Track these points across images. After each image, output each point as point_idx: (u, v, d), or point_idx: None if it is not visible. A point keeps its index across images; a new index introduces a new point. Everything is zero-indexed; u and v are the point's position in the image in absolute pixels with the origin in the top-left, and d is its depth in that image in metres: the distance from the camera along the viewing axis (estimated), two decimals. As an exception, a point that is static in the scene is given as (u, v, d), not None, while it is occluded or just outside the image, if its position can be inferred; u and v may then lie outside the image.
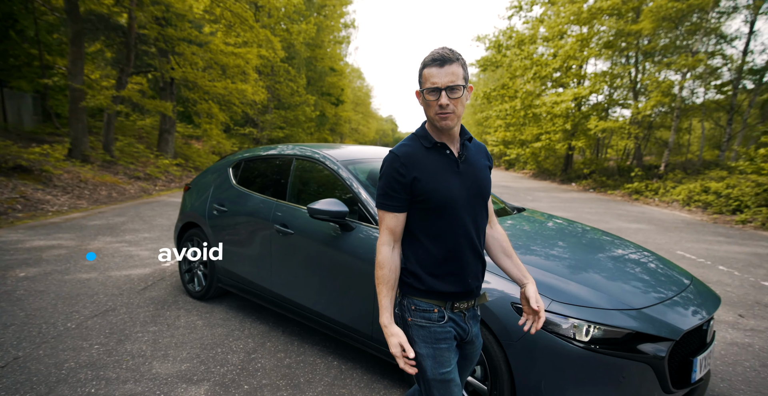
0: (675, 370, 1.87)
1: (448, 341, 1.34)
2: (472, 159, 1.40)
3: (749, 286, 4.62)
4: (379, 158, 3.27)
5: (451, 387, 1.33)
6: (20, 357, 2.59)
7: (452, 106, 1.27)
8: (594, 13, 14.91)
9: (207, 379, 2.44)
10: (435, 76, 1.26)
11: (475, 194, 1.37)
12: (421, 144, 1.35)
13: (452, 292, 1.35)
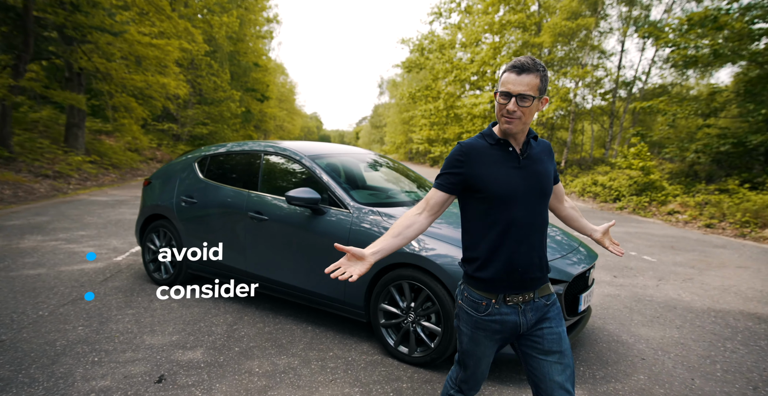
0: (568, 303, 2.65)
1: (487, 332, 1.45)
2: (535, 156, 1.46)
3: (636, 262, 5.90)
4: (340, 153, 3.77)
5: (479, 362, 1.51)
6: (5, 340, 2.68)
7: (519, 112, 1.34)
8: (504, 24, 16.61)
9: (199, 346, 2.76)
10: (510, 82, 1.32)
11: (534, 189, 1.42)
12: (486, 140, 1.44)
13: (502, 283, 1.41)
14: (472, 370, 1.55)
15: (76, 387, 2.25)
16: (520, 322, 1.42)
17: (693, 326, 3.42)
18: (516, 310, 1.42)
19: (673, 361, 2.81)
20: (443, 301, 2.53)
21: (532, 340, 1.45)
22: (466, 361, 1.54)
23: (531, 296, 1.43)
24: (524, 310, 1.43)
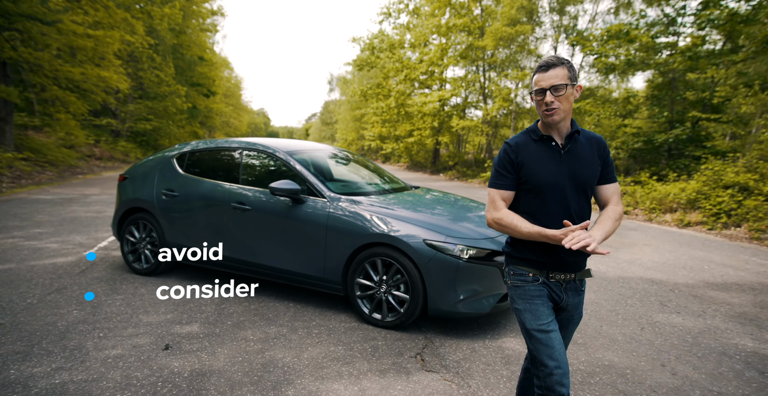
0: (509, 270, 3.28)
1: (542, 298, 1.55)
2: (577, 150, 1.58)
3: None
4: (311, 149, 4.18)
5: (550, 337, 1.51)
6: (4, 324, 2.85)
7: (557, 102, 1.48)
8: (450, 27, 17.52)
9: (194, 321, 3.09)
10: (541, 79, 1.49)
11: (574, 181, 1.55)
12: (530, 137, 1.60)
13: (544, 262, 1.57)
14: (547, 352, 1.50)
15: (92, 355, 2.52)
16: (562, 297, 1.58)
17: (605, 290, 4.22)
18: (558, 286, 1.58)
19: (588, 315, 3.54)
20: (411, 273, 3.05)
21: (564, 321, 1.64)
22: (536, 346, 1.52)
23: (572, 277, 1.58)
24: (565, 287, 1.59)
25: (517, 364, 2.70)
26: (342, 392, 2.29)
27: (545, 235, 1.44)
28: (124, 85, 17.49)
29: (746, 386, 2.50)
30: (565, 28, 16.41)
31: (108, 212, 7.33)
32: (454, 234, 3.10)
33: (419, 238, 3.06)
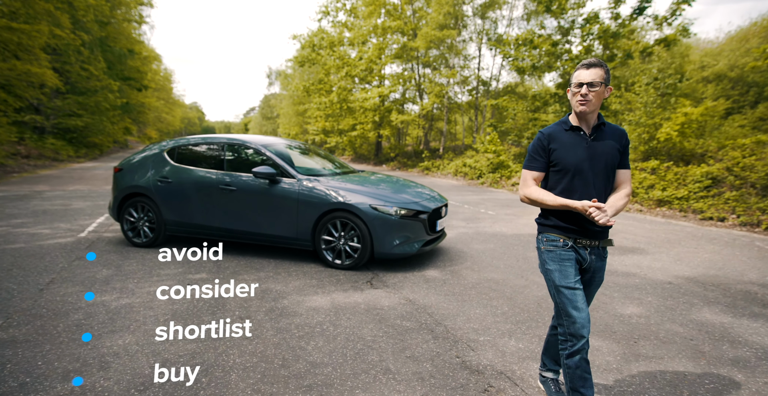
0: (430, 224, 4.67)
1: (570, 261, 1.87)
2: (602, 139, 1.88)
3: (474, 212, 8.44)
4: (277, 142, 5.29)
5: (575, 293, 1.84)
6: (55, 278, 3.74)
7: (590, 96, 1.77)
8: (386, 28, 18.89)
9: (201, 272, 4.14)
10: (582, 75, 1.79)
11: (598, 165, 1.85)
12: (562, 127, 1.91)
13: (573, 229, 1.88)
14: (572, 305, 1.84)
15: (136, 291, 3.54)
16: (587, 259, 1.90)
17: (503, 243, 5.80)
18: (584, 250, 1.90)
19: (489, 257, 5.05)
20: (361, 228, 4.34)
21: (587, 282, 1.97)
22: (562, 299, 1.87)
23: (596, 244, 1.90)
24: (590, 252, 1.91)
25: (433, 283, 4.09)
26: (319, 301, 3.53)
27: (567, 204, 1.79)
28: (52, 80, 16.93)
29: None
30: (486, 32, 18.47)
31: (74, 205, 7.84)
32: (390, 200, 4.44)
33: (366, 204, 4.36)
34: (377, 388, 2.30)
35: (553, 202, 1.83)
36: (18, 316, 3.06)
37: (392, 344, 2.79)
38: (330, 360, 2.57)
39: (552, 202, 1.83)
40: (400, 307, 3.44)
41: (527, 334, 2.99)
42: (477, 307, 3.47)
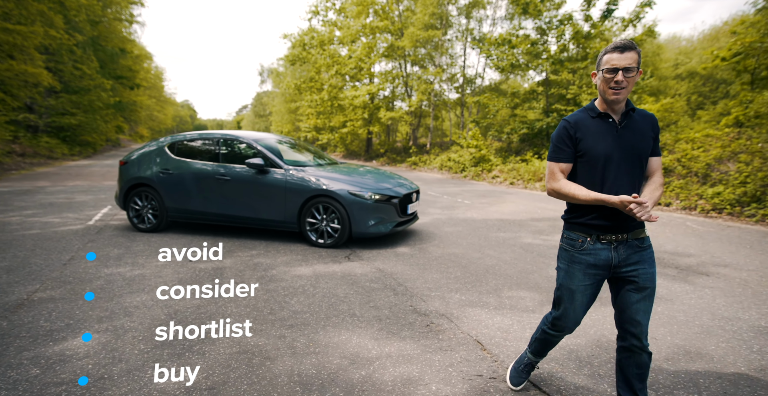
0: (401, 209, 5.32)
1: (581, 265, 1.77)
2: (633, 126, 1.74)
3: (451, 201, 9.12)
4: (267, 137, 5.90)
5: (574, 295, 1.79)
6: (75, 256, 4.34)
7: (625, 82, 1.64)
8: (373, 28, 19.48)
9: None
10: (615, 59, 1.64)
11: (630, 153, 1.71)
12: (588, 114, 1.76)
13: (598, 225, 1.73)
14: (566, 304, 1.81)
15: (146, 265, 4.17)
16: (612, 256, 1.72)
17: (471, 226, 6.48)
18: (609, 247, 1.73)
19: (455, 237, 5.71)
20: (340, 212, 4.99)
21: (628, 277, 1.73)
22: (561, 296, 1.84)
23: (625, 237, 1.73)
24: (617, 247, 1.73)
25: (402, 257, 4.75)
26: (302, 271, 4.18)
27: (602, 200, 1.63)
28: (47, 79, 17.32)
29: (508, 252, 4.79)
30: (470, 32, 19.13)
31: (77, 198, 8.40)
32: (366, 187, 5.09)
33: (345, 190, 5.00)
34: (344, 326, 2.95)
35: (586, 197, 1.68)
36: (50, 282, 3.67)
37: (359, 299, 3.45)
38: (308, 309, 3.22)
39: (585, 197, 1.68)
40: (370, 274, 4.10)
41: (470, 291, 3.66)
42: (435, 273, 4.14)
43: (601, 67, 1.68)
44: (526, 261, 4.60)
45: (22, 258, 4.34)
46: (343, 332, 2.85)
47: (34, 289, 3.51)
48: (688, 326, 3.02)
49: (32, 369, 2.32)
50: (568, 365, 2.47)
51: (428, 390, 2.20)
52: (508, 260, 4.62)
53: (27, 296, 3.34)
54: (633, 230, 1.74)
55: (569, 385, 2.26)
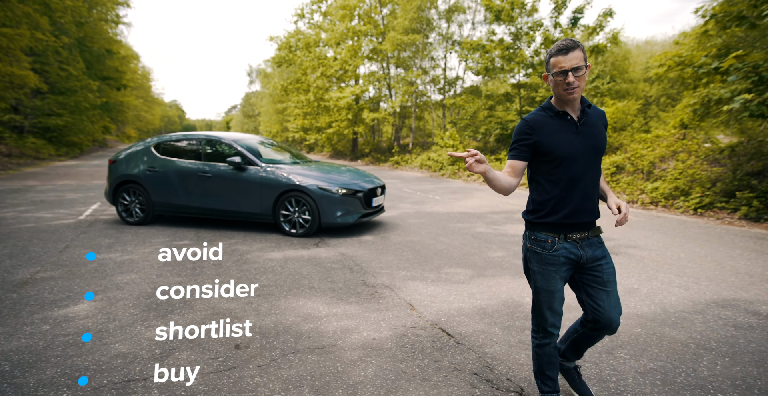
0: (366, 202, 5.93)
1: (555, 266, 1.80)
2: (590, 122, 1.81)
3: (423, 197, 9.75)
4: (246, 138, 6.46)
5: (554, 295, 1.83)
6: (69, 245, 4.86)
7: (577, 82, 1.67)
8: (356, 32, 20.07)
9: (185, 239, 5.31)
10: (562, 61, 1.66)
11: (591, 150, 1.77)
12: (547, 113, 1.79)
13: (564, 224, 1.79)
14: (547, 305, 1.84)
15: (135, 252, 4.70)
16: (580, 254, 1.79)
17: (434, 219, 7.10)
18: (575, 245, 1.80)
19: (417, 228, 6.33)
20: (311, 204, 5.57)
21: (593, 274, 1.82)
22: (540, 299, 1.86)
23: (586, 235, 1.80)
24: (581, 245, 1.80)
25: (365, 243, 5.35)
26: (274, 255, 4.75)
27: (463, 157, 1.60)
28: (34, 81, 17.57)
29: (460, 238, 5.42)
30: (450, 36, 19.84)
31: (67, 196, 8.85)
32: (334, 182, 5.68)
33: (315, 185, 5.59)
34: (302, 295, 3.54)
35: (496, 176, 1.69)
36: (49, 265, 4.20)
37: (319, 275, 4.04)
38: (274, 283, 3.80)
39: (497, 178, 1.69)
40: (333, 257, 4.70)
41: (416, 269, 4.27)
42: (390, 256, 4.75)
43: (551, 70, 1.71)
44: (472, 246, 5.24)
45: (21, 247, 4.84)
46: (300, 299, 3.44)
47: (35, 270, 4.03)
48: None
49: (43, 326, 2.87)
50: (474, 317, 3.10)
51: (360, 335, 2.81)
52: (456, 245, 5.25)
53: (30, 276, 3.87)
54: (592, 228, 1.83)
55: (470, 329, 2.88)
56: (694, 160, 7.71)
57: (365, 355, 2.55)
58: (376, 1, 20.98)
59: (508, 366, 2.46)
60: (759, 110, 6.02)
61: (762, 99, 6.02)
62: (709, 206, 6.96)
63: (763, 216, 6.28)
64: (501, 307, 3.30)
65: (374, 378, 2.31)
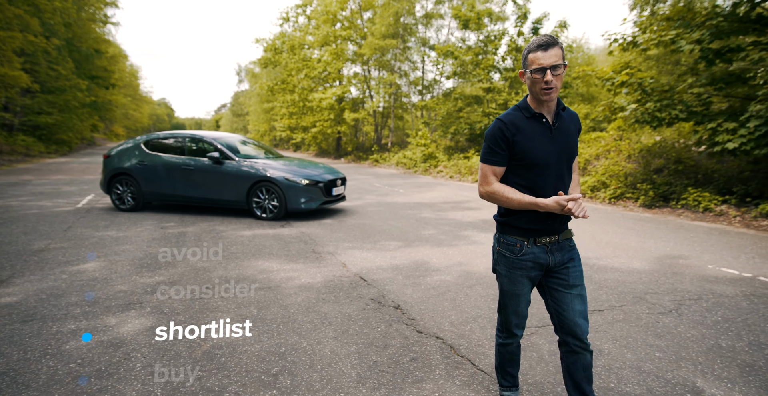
0: (327, 191, 6.94)
1: (522, 270, 1.79)
2: (564, 126, 1.76)
3: (389, 190, 10.80)
4: (226, 137, 7.43)
5: (519, 298, 1.83)
6: (72, 225, 5.80)
7: (554, 81, 1.61)
8: (337, 36, 21.06)
9: (173, 222, 6.27)
10: (540, 58, 1.60)
11: (563, 154, 1.73)
12: (522, 114, 1.72)
13: (534, 229, 1.75)
14: (513, 309, 1.86)
15: (129, 232, 5.66)
16: (549, 259, 1.77)
17: (391, 207, 8.14)
18: (544, 249, 1.77)
19: (372, 214, 7.36)
20: (278, 192, 6.57)
21: (559, 277, 1.79)
22: (506, 301, 1.87)
23: (556, 238, 1.78)
24: (551, 249, 1.78)
25: (323, 225, 6.36)
26: (245, 233, 5.74)
27: (537, 203, 1.63)
28: (26, 82, 18.24)
29: (414, 222, 6.48)
30: (426, 41, 20.93)
31: (63, 189, 9.71)
32: (299, 174, 6.70)
33: (282, 177, 6.59)
34: (262, 258, 4.55)
35: (520, 200, 1.68)
36: (58, 239, 5.15)
37: (279, 246, 5.05)
38: (241, 252, 4.80)
39: (518, 201, 1.68)
40: (294, 235, 5.71)
41: (358, 242, 5.30)
42: (341, 234, 5.78)
43: (528, 67, 1.65)
44: (411, 226, 6.29)
45: (32, 227, 5.77)
46: (259, 261, 4.45)
47: (48, 242, 4.98)
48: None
49: (62, 275, 3.85)
50: (387, 270, 4.14)
51: (299, 280, 3.83)
52: (399, 226, 6.30)
53: (45, 246, 4.82)
54: (563, 231, 1.79)
55: (380, 277, 3.92)
56: (619, 158, 8.87)
57: (299, 291, 3.58)
58: (358, 6, 22.00)
59: (396, 295, 3.51)
60: (643, 118, 7.21)
61: (644, 109, 7.19)
62: (620, 196, 8.12)
63: (654, 203, 7.46)
64: (410, 264, 4.36)
65: (301, 301, 3.35)
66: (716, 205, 6.99)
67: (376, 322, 3.02)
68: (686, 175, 7.87)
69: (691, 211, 7.22)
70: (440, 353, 2.59)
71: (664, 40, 7.27)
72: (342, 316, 3.11)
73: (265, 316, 3.06)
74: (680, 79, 8.00)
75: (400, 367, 2.42)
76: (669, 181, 7.77)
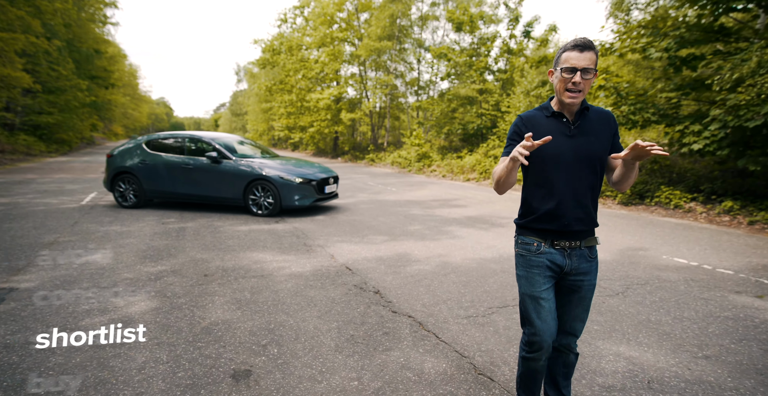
0: (319, 189, 7.30)
1: (540, 269, 1.73)
2: (587, 127, 1.70)
3: (382, 189, 11.16)
4: (223, 137, 7.78)
5: (539, 302, 1.73)
6: (79, 220, 6.16)
7: (583, 84, 1.58)
8: (334, 38, 21.40)
9: (173, 217, 6.63)
10: (574, 58, 1.58)
11: (581, 155, 1.67)
12: (543, 113, 1.75)
13: (550, 230, 1.72)
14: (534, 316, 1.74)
15: (132, 226, 6.02)
16: (566, 263, 1.72)
17: (382, 205, 8.50)
18: (562, 253, 1.73)
19: (363, 211, 7.71)
20: (273, 190, 6.92)
21: (573, 286, 1.76)
22: (526, 307, 1.77)
23: (577, 244, 1.72)
24: (570, 253, 1.73)
25: (316, 221, 6.73)
26: (241, 228, 6.10)
27: (511, 158, 1.51)
28: (28, 82, 18.56)
29: (411, 218, 6.84)
30: (422, 43, 21.31)
31: (67, 187, 10.05)
32: (293, 173, 7.06)
33: (277, 175, 6.95)
34: (256, 250, 4.91)
35: (503, 165, 1.63)
36: (66, 233, 5.50)
37: (272, 241, 5.41)
38: (237, 245, 5.16)
39: (502, 166, 1.65)
40: (287, 230, 6.07)
41: (347, 236, 5.67)
42: (332, 229, 6.14)
43: (560, 65, 1.63)
44: (399, 222, 6.66)
45: (41, 222, 6.13)
46: (254, 253, 4.82)
47: (57, 236, 5.34)
48: (471, 250, 5.11)
49: (74, 264, 4.21)
50: (372, 261, 4.51)
51: (289, 270, 4.20)
52: (387, 222, 6.67)
53: (54, 239, 5.18)
54: (586, 238, 1.75)
55: (364, 266, 4.28)
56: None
57: (289, 278, 3.94)
58: (355, 8, 22.35)
59: (377, 282, 3.88)
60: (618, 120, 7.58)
61: (620, 112, 7.57)
62: (600, 194, 8.48)
63: (631, 201, 7.84)
64: (393, 255, 4.73)
65: (291, 287, 3.71)
66: (686, 203, 7.39)
67: (356, 304, 3.38)
68: (661, 174, 8.26)
69: (663, 208, 7.62)
70: (410, 329, 2.95)
71: (636, 48, 7.65)
72: (326, 299, 3.47)
73: (257, 300, 3.43)
74: (654, 83, 8.39)
75: (374, 339, 2.79)
76: (645, 179, 8.15)
